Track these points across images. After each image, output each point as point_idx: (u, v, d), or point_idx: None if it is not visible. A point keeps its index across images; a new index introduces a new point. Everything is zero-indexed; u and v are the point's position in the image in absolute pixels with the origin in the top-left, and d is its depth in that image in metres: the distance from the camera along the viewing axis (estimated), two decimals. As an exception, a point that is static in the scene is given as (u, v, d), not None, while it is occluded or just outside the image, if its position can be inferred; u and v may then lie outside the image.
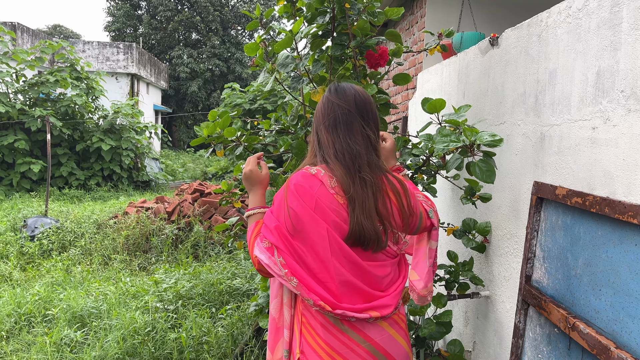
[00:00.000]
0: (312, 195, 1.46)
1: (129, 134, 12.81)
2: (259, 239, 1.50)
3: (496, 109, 2.55)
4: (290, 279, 1.43)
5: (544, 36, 2.10)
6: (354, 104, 1.56)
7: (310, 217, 1.45)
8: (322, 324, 1.49)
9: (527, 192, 2.21)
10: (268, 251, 1.46)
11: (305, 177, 1.50)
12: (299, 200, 1.46)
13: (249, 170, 1.69)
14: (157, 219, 6.85)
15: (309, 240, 1.45)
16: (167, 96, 28.17)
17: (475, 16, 4.20)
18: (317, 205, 1.45)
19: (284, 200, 1.49)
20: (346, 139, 1.51)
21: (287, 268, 1.44)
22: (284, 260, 1.44)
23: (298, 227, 1.45)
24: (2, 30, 11.15)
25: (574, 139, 1.85)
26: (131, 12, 29.98)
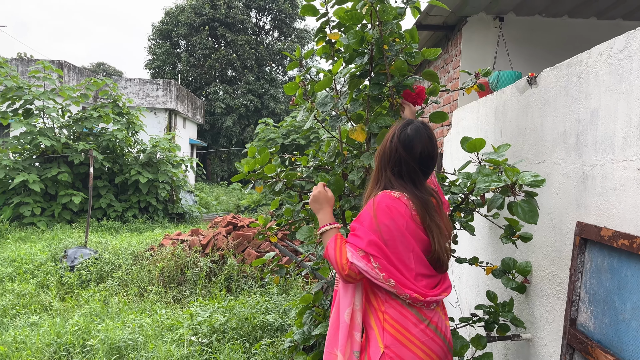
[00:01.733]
0: (401, 215, 1.79)
1: (166, 167, 13.14)
2: (352, 249, 1.79)
3: (535, 148, 2.53)
4: (388, 281, 1.75)
5: (585, 76, 2.10)
6: (419, 160, 1.87)
7: (400, 233, 1.77)
8: (406, 317, 1.79)
9: (569, 233, 2.17)
10: (364, 259, 1.76)
11: (392, 199, 1.81)
12: (391, 217, 1.77)
13: (318, 191, 1.97)
14: (192, 251, 6.94)
15: (397, 250, 1.77)
16: (202, 130, 28.90)
17: (511, 55, 4.23)
18: (406, 224, 1.79)
19: (374, 218, 1.77)
20: (412, 189, 1.85)
21: (384, 272, 1.74)
22: (380, 266, 1.74)
23: (389, 240, 1.76)
24: (50, 69, 11.76)
25: (619, 180, 1.82)
26: (171, 50, 31.18)
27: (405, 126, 1.91)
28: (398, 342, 1.78)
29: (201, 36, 29.16)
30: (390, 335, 1.80)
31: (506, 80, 3.20)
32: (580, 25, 4.49)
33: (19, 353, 3.92)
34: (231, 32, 29.69)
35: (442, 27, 4.78)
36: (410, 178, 1.87)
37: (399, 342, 1.78)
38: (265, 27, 33.10)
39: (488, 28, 4.44)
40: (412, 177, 1.87)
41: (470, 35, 4.45)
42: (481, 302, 2.92)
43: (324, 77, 2.41)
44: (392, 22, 2.32)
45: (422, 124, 1.94)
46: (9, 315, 5.12)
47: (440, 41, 5.22)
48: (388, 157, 1.88)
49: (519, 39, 4.40)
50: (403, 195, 1.84)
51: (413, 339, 1.79)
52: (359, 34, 2.22)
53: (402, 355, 1.77)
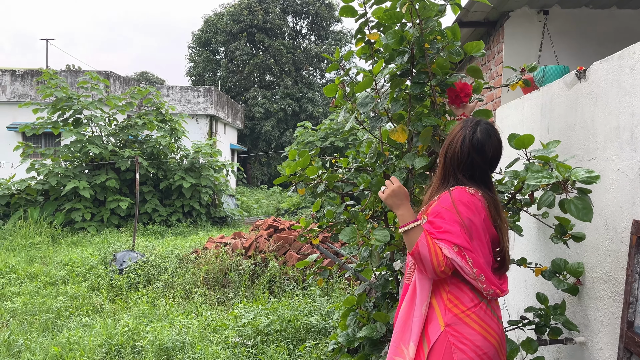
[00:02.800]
0: (480, 209, 1.84)
1: (208, 172, 13.40)
2: (446, 245, 1.79)
3: (585, 144, 2.44)
4: (480, 276, 1.78)
5: (638, 68, 2.00)
6: (489, 161, 1.91)
7: (481, 226, 1.82)
8: (467, 295, 1.84)
9: (625, 232, 2.07)
10: (459, 255, 1.77)
11: (469, 195, 1.85)
12: (473, 212, 1.81)
13: (398, 186, 1.97)
14: (235, 254, 7.04)
15: (478, 244, 1.82)
16: (242, 135, 29.33)
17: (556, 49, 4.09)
18: (484, 218, 1.83)
19: (456, 213, 1.80)
20: (485, 189, 1.90)
21: (476, 267, 1.78)
22: (473, 261, 1.78)
23: (474, 234, 1.81)
24: (97, 79, 12.21)
25: (679, 175, 1.73)
26: (210, 57, 31.83)
27: (474, 128, 1.92)
28: (459, 320, 1.82)
29: (239, 42, 29.63)
30: (452, 315, 1.83)
31: (552, 75, 3.10)
32: (629, 16, 4.29)
33: (72, 353, 4.07)
34: (269, 38, 30.04)
35: (483, 24, 4.67)
36: (483, 180, 1.92)
37: (461, 320, 1.82)
38: (302, 31, 33.32)
39: (532, 22, 4.30)
40: (484, 179, 1.93)
41: (513, 30, 4.33)
42: (530, 304, 2.83)
43: (364, 77, 2.40)
44: (432, 19, 2.28)
45: (490, 125, 1.97)
46: (63, 317, 5.33)
47: (481, 38, 5.11)
48: (459, 160, 1.90)
49: (565, 32, 4.25)
50: (477, 192, 1.88)
51: (473, 316, 1.82)
52: (398, 33, 2.20)
53: (462, 332, 1.80)
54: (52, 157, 12.05)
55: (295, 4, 31.34)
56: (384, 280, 2.62)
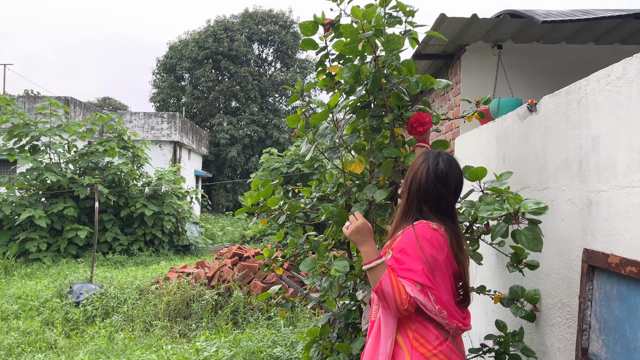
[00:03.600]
0: (443, 245, 1.84)
1: (171, 199, 13.18)
2: (409, 283, 1.78)
3: (538, 174, 2.53)
4: (442, 312, 1.79)
5: (584, 103, 2.11)
6: (454, 191, 1.93)
7: (444, 262, 1.83)
8: (433, 333, 1.84)
9: (576, 259, 2.14)
10: (421, 293, 1.77)
11: (433, 231, 1.85)
12: (436, 249, 1.81)
13: (362, 222, 1.94)
14: (198, 284, 6.90)
15: (441, 281, 1.82)
16: (207, 161, 29.08)
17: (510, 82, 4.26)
18: (447, 254, 1.84)
19: (419, 250, 1.80)
20: (450, 223, 1.91)
21: (438, 304, 1.79)
22: (435, 298, 1.78)
23: (436, 271, 1.80)
24: (56, 105, 11.94)
25: (624, 206, 1.81)
26: (175, 83, 31.66)
27: (437, 159, 1.94)
28: (423, 357, 1.82)
29: (205, 69, 29.63)
30: (419, 354, 1.84)
31: (506, 107, 3.22)
32: (578, 51, 4.54)
33: (23, 393, 3.87)
34: (234, 64, 30.16)
35: (441, 56, 4.84)
36: (448, 212, 1.93)
37: (424, 357, 1.82)
38: (268, 58, 33.63)
39: (487, 56, 4.49)
40: (449, 209, 1.94)
41: (469, 63, 4.50)
42: (490, 331, 2.87)
43: (323, 110, 2.43)
44: (392, 53, 2.34)
45: (451, 156, 2.00)
46: (14, 354, 5.07)
47: (440, 69, 5.28)
48: (424, 192, 1.91)
49: (518, 65, 4.44)
50: (440, 227, 1.88)
51: (440, 356, 1.83)
52: (355, 67, 2.25)
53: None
54: (7, 185, 11.62)
55: (260, 32, 31.69)
56: (346, 310, 2.61)
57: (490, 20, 3.94)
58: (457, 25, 4.03)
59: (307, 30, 2.59)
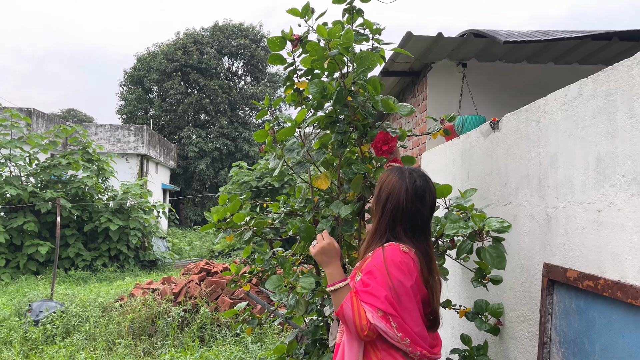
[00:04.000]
0: (412, 270, 1.77)
1: (137, 213, 12.91)
2: (371, 309, 1.72)
3: (501, 190, 2.59)
4: (404, 340, 1.72)
5: (543, 122, 2.18)
6: (430, 209, 1.88)
7: (411, 287, 1.75)
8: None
9: (537, 274, 2.20)
10: (383, 320, 1.71)
11: (403, 254, 1.78)
12: (404, 274, 1.74)
13: (328, 243, 1.89)
14: (164, 300, 6.75)
15: (408, 306, 1.75)
16: (175, 175, 28.66)
17: (475, 99, 4.37)
18: (416, 279, 1.77)
19: (387, 274, 1.73)
20: (424, 245, 1.85)
21: (401, 331, 1.71)
22: (398, 325, 1.71)
23: (402, 296, 1.73)
24: (17, 116, 11.61)
25: (581, 222, 1.87)
26: (143, 95, 31.22)
27: (412, 176, 1.88)
28: None
29: (173, 81, 29.35)
30: None
31: (471, 124, 3.30)
32: (539, 70, 4.70)
33: (-25, 418, 3.69)
34: (204, 77, 29.98)
35: (408, 73, 4.93)
36: (423, 230, 1.87)
37: None
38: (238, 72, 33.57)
39: (452, 73, 4.60)
40: (425, 228, 1.88)
41: (435, 80, 4.60)
42: (456, 345, 2.90)
43: (289, 125, 2.43)
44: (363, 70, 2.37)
45: (423, 171, 1.98)
46: (-33, 377, 4.84)
47: (407, 86, 5.38)
48: (402, 212, 1.83)
49: (482, 83, 4.57)
50: (411, 250, 1.82)
51: None
52: (321, 84, 2.26)
53: None
54: (-36, 199, 11.20)
55: (230, 45, 31.63)
56: (314, 326, 2.60)
57: (454, 40, 4.05)
58: (423, 44, 4.12)
59: (274, 45, 2.60)
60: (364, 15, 2.44)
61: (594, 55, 4.47)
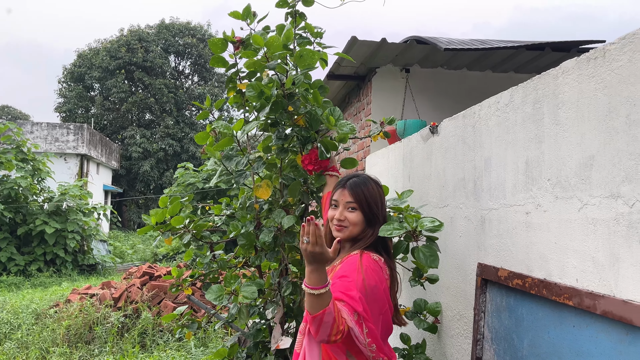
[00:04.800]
0: (382, 279, 1.77)
1: (76, 216, 12.38)
2: (348, 310, 1.67)
3: (439, 192, 2.67)
4: (371, 346, 1.69)
5: (478, 127, 2.26)
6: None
7: (381, 297, 1.74)
8: None
9: (472, 273, 2.27)
10: (357, 325, 1.67)
11: (375, 263, 1.79)
12: (376, 281, 1.73)
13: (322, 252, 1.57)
14: (103, 305, 6.50)
15: (378, 313, 1.74)
16: (118, 176, 27.70)
17: (417, 104, 4.48)
18: (385, 287, 1.77)
19: (363, 280, 1.71)
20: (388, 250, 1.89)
21: (370, 337, 1.68)
22: (369, 331, 1.68)
23: (372, 303, 1.70)
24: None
25: (511, 223, 1.96)
26: (83, 93, 30.00)
27: (370, 178, 1.95)
28: None
29: (117, 79, 28.38)
30: None
31: (412, 129, 3.38)
32: (477, 77, 4.89)
33: None
34: (149, 76, 29.18)
35: (354, 77, 5.00)
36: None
37: None
38: (185, 71, 32.91)
39: (396, 79, 4.70)
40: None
41: (379, 85, 4.69)
42: (396, 344, 2.96)
43: (226, 137, 2.36)
44: (305, 70, 2.36)
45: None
46: None
47: (353, 90, 5.45)
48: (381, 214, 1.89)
49: (424, 89, 4.70)
50: (381, 259, 1.83)
51: None
52: (259, 87, 2.24)
53: None
54: None
55: (177, 44, 30.96)
56: (255, 329, 2.57)
57: (398, 45, 4.14)
58: (368, 49, 4.19)
59: (216, 47, 2.56)
60: (306, 19, 2.45)
61: (529, 65, 4.69)
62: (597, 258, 1.46)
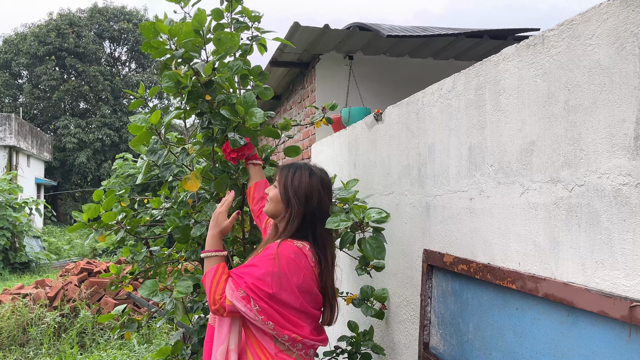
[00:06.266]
0: (300, 268, 1.72)
1: (5, 211, 11.65)
2: (234, 287, 1.67)
3: (385, 180, 2.66)
4: (267, 323, 1.67)
5: (421, 114, 2.26)
6: (331, 196, 1.90)
7: (297, 287, 1.70)
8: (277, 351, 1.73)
9: (418, 260, 2.29)
10: (244, 300, 1.65)
11: (295, 252, 1.73)
12: (291, 269, 1.69)
13: (219, 212, 1.83)
14: (37, 306, 6.16)
15: (286, 300, 1.69)
16: (51, 168, 26.32)
17: (361, 91, 4.47)
18: (304, 277, 1.72)
19: (275, 265, 1.68)
20: (324, 237, 1.83)
21: (262, 315, 1.66)
22: (260, 308, 1.65)
23: (282, 291, 1.67)
24: None
25: (455, 209, 1.97)
26: (11, 81, 28.17)
27: (319, 172, 1.90)
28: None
29: (47, 66, 26.82)
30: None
31: (357, 116, 3.36)
32: (419, 65, 4.93)
33: None
34: (82, 63, 27.76)
35: (297, 64, 4.92)
36: (326, 217, 1.82)
37: None
38: (122, 58, 31.56)
39: (339, 65, 4.67)
40: (327, 216, 1.83)
41: (323, 72, 4.64)
42: (344, 333, 2.96)
43: (142, 131, 2.24)
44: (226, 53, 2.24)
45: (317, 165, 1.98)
46: None
47: (297, 77, 5.37)
48: (324, 211, 1.85)
49: (368, 76, 4.69)
50: (305, 246, 1.77)
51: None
52: (174, 76, 2.13)
53: None
54: None
55: (112, 29, 29.61)
56: (199, 326, 2.49)
57: (341, 32, 4.10)
58: (311, 35, 4.12)
59: (148, 32, 2.40)
60: (242, 3, 2.35)
61: (468, 52, 4.78)
62: (539, 242, 1.49)
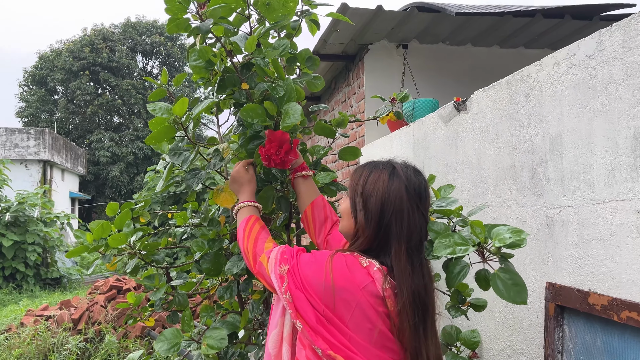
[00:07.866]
0: (353, 293, 1.15)
1: (36, 226, 11.43)
2: (279, 257, 1.26)
3: (472, 187, 2.05)
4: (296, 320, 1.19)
5: (536, 94, 1.65)
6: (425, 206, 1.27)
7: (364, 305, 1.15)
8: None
9: (535, 295, 1.66)
10: (279, 279, 1.23)
11: (355, 268, 1.17)
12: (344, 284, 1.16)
13: (236, 170, 1.54)
14: (60, 329, 5.71)
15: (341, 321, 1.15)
16: (85, 182, 26.48)
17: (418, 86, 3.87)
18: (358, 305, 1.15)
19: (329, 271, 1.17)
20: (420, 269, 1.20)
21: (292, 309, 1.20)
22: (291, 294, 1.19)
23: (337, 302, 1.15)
24: None
25: (607, 226, 1.35)
26: (46, 97, 28.59)
27: (392, 166, 1.28)
28: None
29: (81, 81, 27.09)
30: None
31: (423, 109, 2.75)
32: (484, 54, 4.29)
33: None
34: (115, 77, 27.97)
35: (341, 57, 4.34)
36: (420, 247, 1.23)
37: None
38: (154, 71, 31.75)
39: (391, 57, 4.07)
40: (421, 245, 1.23)
41: (373, 64, 4.05)
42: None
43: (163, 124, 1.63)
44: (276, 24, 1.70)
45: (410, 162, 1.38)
46: None
47: (340, 73, 4.80)
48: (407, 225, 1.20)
49: (425, 67, 4.08)
50: (374, 265, 1.18)
51: None
52: (205, 52, 1.56)
53: None
54: None
55: (144, 43, 29.81)
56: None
57: (397, 13, 3.50)
58: (361, 19, 3.53)
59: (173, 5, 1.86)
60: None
61: (542, 37, 4.13)
62: None
